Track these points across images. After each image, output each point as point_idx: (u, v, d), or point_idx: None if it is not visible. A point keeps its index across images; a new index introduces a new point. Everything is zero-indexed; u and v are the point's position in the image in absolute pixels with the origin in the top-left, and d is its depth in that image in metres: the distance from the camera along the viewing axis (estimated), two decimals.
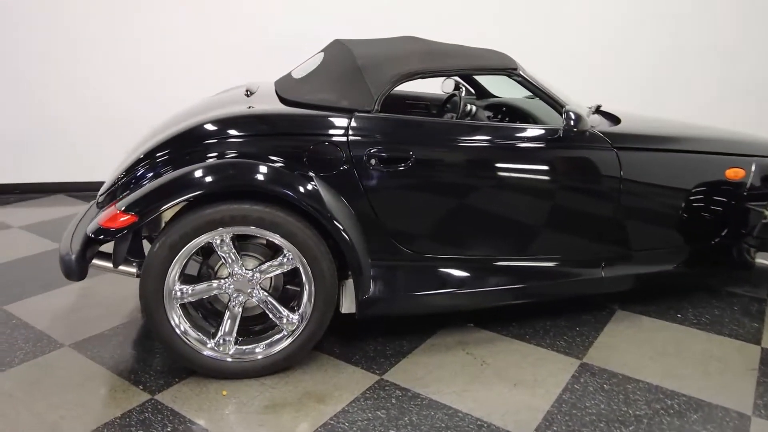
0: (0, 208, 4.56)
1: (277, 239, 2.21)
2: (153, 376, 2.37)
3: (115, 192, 2.37)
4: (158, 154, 2.30)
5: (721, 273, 3.34)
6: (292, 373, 2.41)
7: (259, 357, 2.33)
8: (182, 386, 2.31)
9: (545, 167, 2.53)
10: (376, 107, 2.39)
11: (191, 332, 2.27)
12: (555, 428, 2.10)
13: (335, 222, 2.20)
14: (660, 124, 3.07)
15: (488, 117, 3.05)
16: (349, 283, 2.36)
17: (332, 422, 2.11)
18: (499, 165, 2.47)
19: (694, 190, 2.85)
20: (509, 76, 2.60)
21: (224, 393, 2.27)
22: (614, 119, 3.00)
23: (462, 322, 2.85)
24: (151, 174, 2.29)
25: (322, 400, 2.24)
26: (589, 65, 5.19)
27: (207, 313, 2.44)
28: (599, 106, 3.15)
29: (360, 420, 2.12)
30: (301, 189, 2.18)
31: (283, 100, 2.51)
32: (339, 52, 2.63)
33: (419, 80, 2.51)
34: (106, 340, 2.64)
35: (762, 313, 3.02)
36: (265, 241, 2.37)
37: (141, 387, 2.30)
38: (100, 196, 2.45)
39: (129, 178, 2.34)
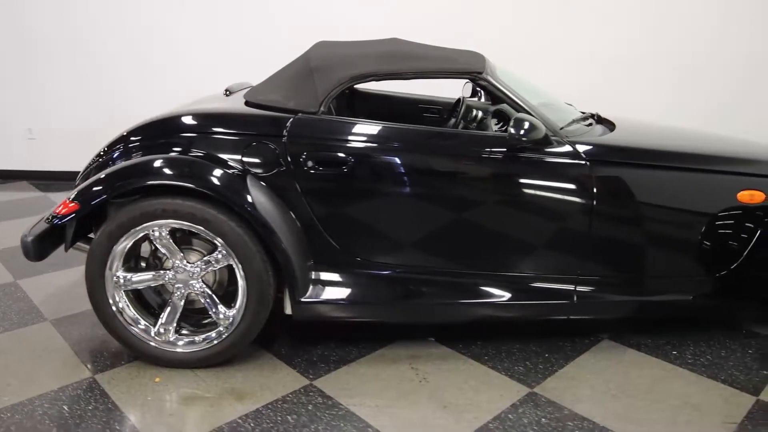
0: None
1: (209, 235, 2.25)
2: (103, 357, 2.52)
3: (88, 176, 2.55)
4: (115, 147, 2.44)
5: (744, 309, 2.91)
6: (229, 367, 2.44)
7: (197, 349, 2.39)
8: (123, 369, 2.43)
9: (487, 177, 2.35)
10: (321, 109, 2.36)
11: (136, 318, 2.38)
12: None
13: (263, 221, 2.20)
14: (660, 134, 2.74)
15: (496, 124, 2.88)
16: None
17: (239, 421, 2.11)
18: (438, 172, 2.34)
19: (694, 214, 2.50)
20: (473, 81, 2.45)
21: (157, 380, 2.36)
22: (611, 127, 2.73)
23: (424, 334, 2.73)
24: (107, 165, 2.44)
25: (241, 398, 2.25)
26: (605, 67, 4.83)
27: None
28: (595, 114, 2.88)
29: (267, 422, 2.11)
30: (229, 187, 2.20)
31: (246, 101, 2.56)
32: (307, 53, 2.63)
33: (437, 83, 2.39)
34: (84, 319, 2.84)
35: None
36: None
37: (88, 366, 2.45)
38: (77, 180, 2.64)
39: (94, 166, 2.51)
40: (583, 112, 2.96)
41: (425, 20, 4.91)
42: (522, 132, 2.23)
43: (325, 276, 2.42)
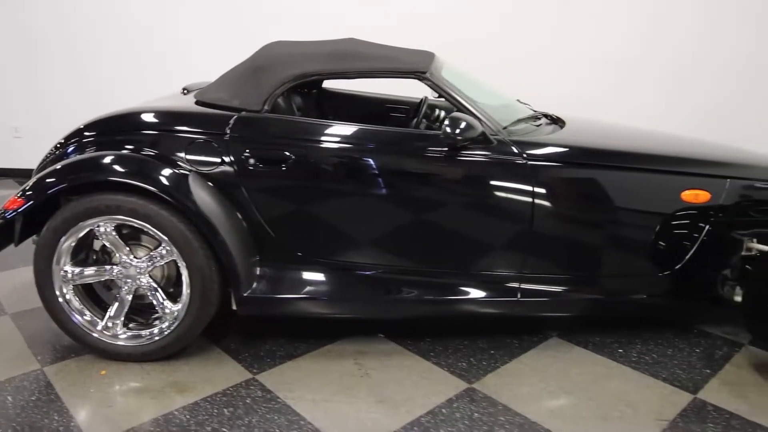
0: None
1: (151, 231, 2.30)
2: (55, 350, 2.57)
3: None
4: (71, 140, 2.49)
5: (695, 309, 2.91)
6: (176, 361, 2.49)
7: (142, 343, 2.43)
8: (72, 362, 2.48)
9: (425, 175, 2.38)
10: (265, 107, 2.40)
11: (81, 309, 2.43)
12: None
13: (203, 217, 2.24)
14: (607, 133, 2.75)
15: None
16: None
17: (175, 413, 2.15)
18: (374, 170, 2.37)
19: (637, 213, 2.52)
20: (419, 80, 2.48)
21: (103, 373, 2.40)
22: (562, 127, 2.75)
23: (374, 331, 2.76)
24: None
25: (182, 391, 2.29)
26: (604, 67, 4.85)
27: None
28: (549, 114, 2.90)
29: (202, 414, 2.15)
30: (169, 183, 2.25)
31: (196, 100, 2.60)
32: (256, 53, 2.67)
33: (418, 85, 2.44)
34: (43, 313, 2.86)
35: (727, 359, 2.60)
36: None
37: (38, 358, 2.50)
38: (34, 171, 2.69)
39: (51, 159, 2.56)
40: (536, 111, 2.98)
41: (425, 22, 4.95)
42: (457, 131, 2.25)
43: (270, 272, 2.46)
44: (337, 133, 2.41)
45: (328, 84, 3.69)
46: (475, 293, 2.52)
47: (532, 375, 2.45)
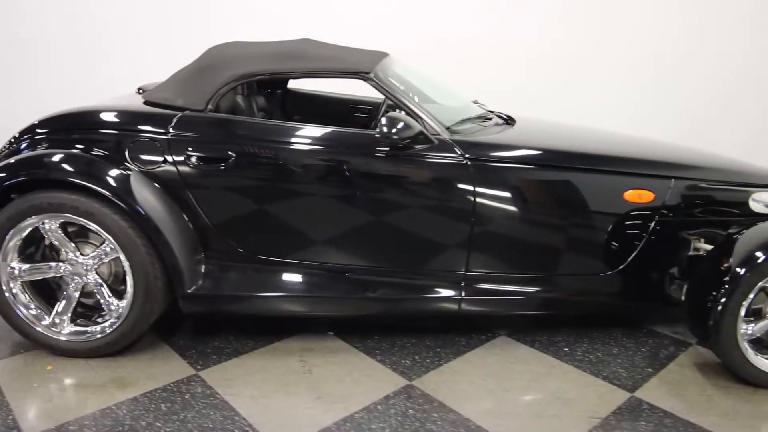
0: None
1: (95, 228, 2.33)
2: (7, 345, 2.59)
3: None
4: (24, 136, 2.51)
5: (642, 308, 2.93)
6: (122, 357, 2.51)
7: (88, 339, 2.46)
8: (20, 357, 2.51)
9: (364, 174, 2.40)
10: (209, 107, 2.43)
11: (27, 304, 2.45)
12: None
13: (143, 214, 2.27)
14: (554, 134, 2.77)
15: None
16: None
17: (113, 407, 2.18)
18: (313, 169, 2.40)
19: (580, 213, 2.54)
20: (363, 80, 2.51)
21: (49, 368, 2.43)
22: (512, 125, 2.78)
23: (324, 329, 2.78)
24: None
25: (123, 386, 2.32)
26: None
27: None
28: (500, 114, 2.92)
29: (139, 409, 2.17)
30: (110, 180, 2.27)
31: (144, 100, 2.63)
32: (204, 53, 2.70)
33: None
34: None
35: (671, 358, 2.62)
36: None
37: None
38: None
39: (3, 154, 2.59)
40: (489, 111, 3.01)
41: (426, 27, 4.98)
42: (394, 130, 2.28)
43: (215, 270, 2.49)
44: (277, 132, 2.44)
45: (293, 84, 3.72)
46: (420, 292, 2.54)
47: (474, 373, 2.47)
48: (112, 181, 2.29)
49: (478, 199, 2.43)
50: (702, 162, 2.69)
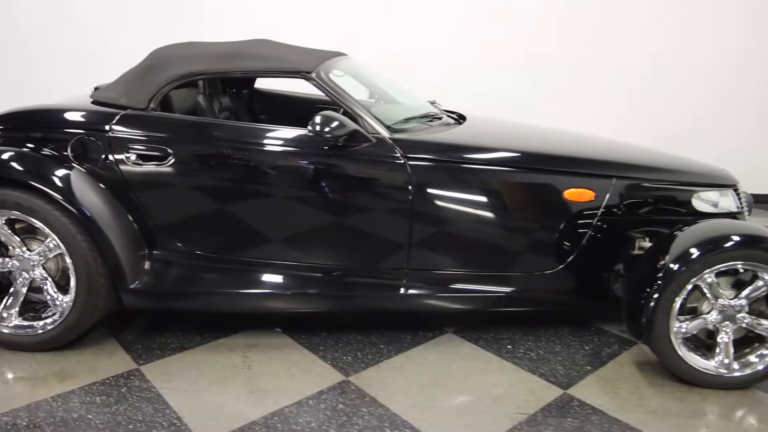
0: None
1: (37, 225, 2.38)
2: None
3: None
4: None
5: (587, 307, 2.92)
6: (68, 351, 2.55)
7: (34, 333, 2.51)
8: None
9: (302, 171, 2.44)
10: (151, 106, 2.48)
11: None
12: None
13: (82, 210, 2.32)
14: (498, 132, 2.79)
15: None
16: None
17: (49, 400, 2.23)
18: (250, 167, 2.43)
19: (521, 211, 2.56)
20: (305, 80, 2.55)
21: None
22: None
23: (273, 325, 2.82)
24: None
25: (63, 379, 2.37)
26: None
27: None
28: (453, 113, 2.95)
29: (74, 402, 2.22)
30: (49, 178, 2.33)
31: (92, 99, 2.68)
32: (150, 53, 2.75)
33: None
34: None
35: (613, 356, 2.63)
36: None
37: None
38: None
39: None
40: (442, 111, 3.03)
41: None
42: (327, 129, 2.31)
43: (157, 266, 2.54)
44: (213, 130, 2.49)
45: (260, 84, 3.77)
46: (362, 288, 2.57)
47: (412, 369, 2.49)
48: (53, 179, 2.34)
49: (415, 197, 2.46)
50: (645, 161, 2.69)
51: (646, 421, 2.17)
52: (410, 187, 2.45)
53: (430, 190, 2.48)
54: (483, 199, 2.54)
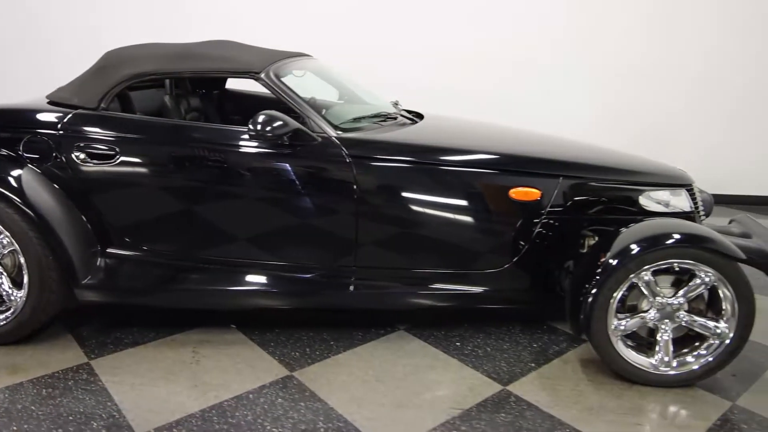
0: None
1: None
2: None
3: None
4: None
5: (539, 303, 2.94)
6: (24, 345, 2.61)
7: None
8: None
9: (247, 170, 2.49)
10: (102, 105, 2.54)
11: None
12: (169, 430, 2.08)
13: (31, 207, 2.38)
14: (451, 131, 2.83)
15: None
16: None
17: None
18: (196, 166, 2.48)
19: (467, 209, 2.58)
20: (254, 80, 2.59)
21: None
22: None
23: (228, 321, 2.86)
24: None
25: (14, 372, 2.42)
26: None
27: None
28: (413, 112, 2.99)
29: (20, 394, 2.27)
30: (2, 177, 2.39)
31: (48, 99, 2.74)
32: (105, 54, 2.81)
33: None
34: None
35: (560, 354, 2.65)
36: None
37: None
38: None
39: None
40: (400, 111, 3.08)
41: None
42: (268, 128, 2.35)
43: (109, 263, 2.59)
44: (160, 129, 2.55)
45: (231, 84, 3.82)
46: (311, 285, 2.61)
47: (357, 365, 2.53)
48: (6, 178, 2.41)
49: (360, 195, 2.50)
50: (593, 161, 2.71)
51: (580, 418, 2.19)
52: (355, 186, 2.49)
53: (374, 189, 2.52)
54: (428, 197, 2.57)
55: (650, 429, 2.15)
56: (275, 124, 2.36)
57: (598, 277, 2.29)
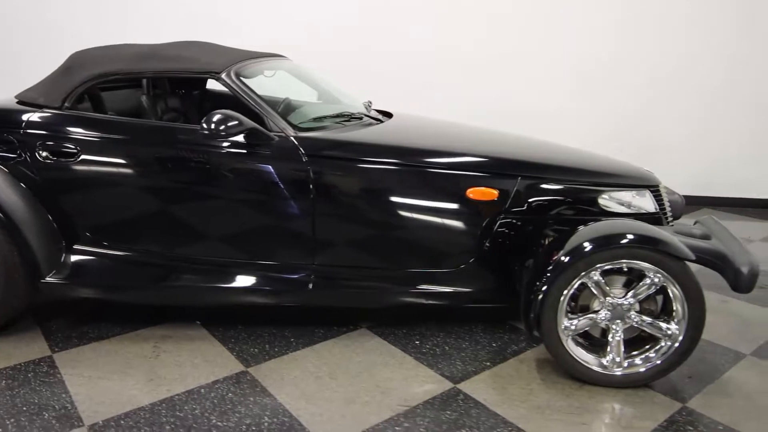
0: None
1: None
2: None
3: None
4: None
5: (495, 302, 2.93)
6: None
7: None
8: None
9: (200, 169, 2.54)
10: (66, 105, 2.60)
11: None
12: (117, 422, 2.13)
13: None
14: (414, 131, 2.86)
15: None
16: None
17: None
18: (153, 164, 2.54)
19: (423, 209, 2.60)
20: (215, 80, 2.64)
21: None
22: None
23: (193, 318, 2.90)
24: None
25: None
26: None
27: None
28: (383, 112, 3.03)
29: None
30: None
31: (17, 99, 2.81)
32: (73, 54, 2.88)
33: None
34: None
35: (516, 354, 2.66)
36: None
37: None
38: None
39: None
40: (380, 111, 3.14)
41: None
42: (222, 127, 2.39)
43: (74, 258, 2.65)
44: (121, 129, 2.60)
45: (212, 85, 3.88)
46: (271, 283, 2.65)
47: (313, 361, 2.56)
48: None
49: (317, 194, 2.53)
50: (552, 161, 2.72)
51: (526, 416, 2.20)
52: (311, 186, 2.52)
53: (331, 188, 2.55)
54: (384, 197, 2.60)
55: (594, 428, 2.15)
56: (230, 123, 2.40)
57: (548, 276, 2.30)
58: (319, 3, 5.23)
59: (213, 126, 2.38)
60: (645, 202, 2.77)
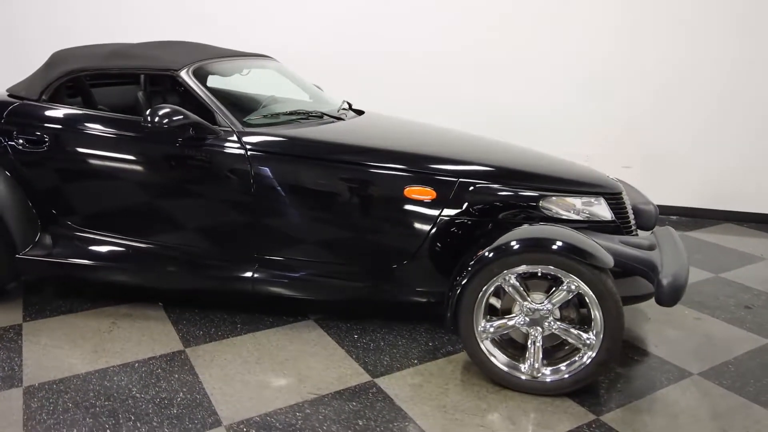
0: None
1: None
2: None
3: None
4: None
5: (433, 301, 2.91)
6: None
7: None
8: None
9: (149, 160, 2.73)
10: (43, 97, 2.86)
11: None
12: (50, 385, 2.33)
13: None
14: (367, 130, 2.93)
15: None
16: None
17: None
18: (112, 154, 2.75)
19: (360, 206, 2.67)
20: (175, 77, 2.82)
21: None
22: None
23: (156, 300, 3.10)
24: None
25: None
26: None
27: None
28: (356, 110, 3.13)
29: None
30: None
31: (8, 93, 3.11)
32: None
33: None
34: None
35: (449, 354, 2.66)
36: None
37: None
38: None
39: None
40: (354, 110, 3.25)
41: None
42: (166, 120, 2.54)
43: (48, 238, 2.90)
44: (78, 119, 2.83)
45: (213, 82, 4.10)
46: (216, 271, 2.80)
47: (248, 347, 2.68)
48: None
49: (257, 188, 2.65)
50: (497, 164, 2.69)
51: (427, 414, 2.22)
52: (251, 180, 2.64)
53: (270, 182, 2.66)
54: (324, 192, 2.68)
55: (490, 431, 2.14)
56: (174, 117, 2.56)
57: (465, 276, 2.31)
58: (319, 3, 5.34)
59: (157, 119, 2.55)
60: (600, 210, 2.70)
